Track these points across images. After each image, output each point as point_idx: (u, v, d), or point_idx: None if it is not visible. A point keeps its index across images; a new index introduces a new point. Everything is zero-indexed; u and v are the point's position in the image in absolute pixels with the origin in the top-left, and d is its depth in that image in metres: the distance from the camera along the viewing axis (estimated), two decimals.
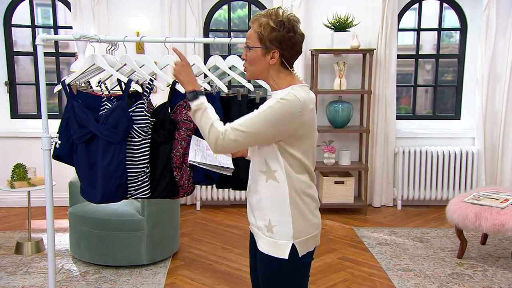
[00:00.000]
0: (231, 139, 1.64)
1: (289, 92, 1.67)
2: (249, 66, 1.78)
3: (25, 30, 5.09)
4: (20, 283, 3.28)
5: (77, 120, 2.22)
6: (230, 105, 2.27)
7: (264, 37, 1.68)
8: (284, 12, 1.71)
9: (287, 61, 1.74)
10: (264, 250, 1.78)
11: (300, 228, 1.76)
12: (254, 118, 1.65)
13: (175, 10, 4.75)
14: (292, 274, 1.79)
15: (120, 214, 3.52)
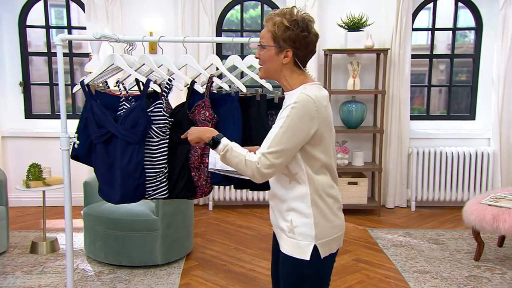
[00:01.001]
0: (267, 164, 1.63)
1: (301, 93, 1.66)
2: (262, 65, 1.77)
3: (38, 31, 5.11)
4: (36, 283, 3.29)
5: (96, 120, 2.22)
6: (248, 105, 2.26)
7: (278, 36, 1.68)
8: (298, 11, 1.70)
9: (301, 60, 1.73)
10: (286, 251, 1.77)
11: (323, 229, 1.75)
12: (278, 134, 1.64)
13: (188, 10, 4.75)
14: (314, 275, 1.77)
15: (135, 214, 3.52)
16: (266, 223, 4.64)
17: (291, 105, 1.64)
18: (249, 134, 2.26)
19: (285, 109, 1.67)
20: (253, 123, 2.24)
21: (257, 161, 1.64)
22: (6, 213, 3.77)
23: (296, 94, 1.67)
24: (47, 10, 5.06)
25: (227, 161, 1.72)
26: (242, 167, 1.67)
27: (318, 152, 1.71)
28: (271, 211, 1.89)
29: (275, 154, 1.63)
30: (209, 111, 2.23)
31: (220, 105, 2.25)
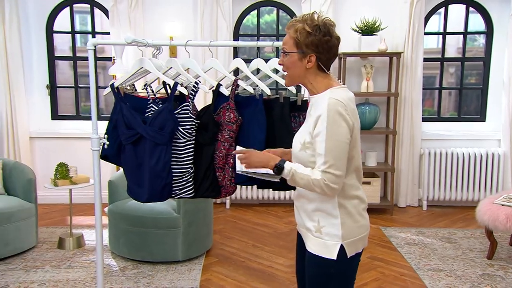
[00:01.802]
0: (333, 178, 1.61)
1: (330, 98, 1.63)
2: (286, 71, 1.74)
3: (63, 36, 5.13)
4: (64, 277, 3.29)
5: (125, 121, 2.20)
6: (272, 107, 2.23)
7: (301, 42, 1.65)
8: (319, 17, 1.68)
9: (324, 64, 1.70)
10: (313, 250, 1.75)
11: (349, 229, 1.72)
12: (326, 145, 1.61)
13: (207, 16, 4.73)
14: (340, 274, 1.75)
15: (158, 212, 3.51)
16: (281, 221, 4.61)
17: (324, 114, 1.61)
18: (273, 135, 2.23)
19: (320, 121, 1.63)
20: (276, 125, 2.21)
21: (323, 179, 1.62)
22: (35, 210, 3.79)
23: (324, 100, 1.64)
24: (73, 16, 5.08)
25: (295, 183, 1.69)
26: (311, 188, 1.65)
27: (353, 153, 1.70)
28: (296, 211, 1.86)
29: (334, 166, 1.61)
30: (234, 113, 2.21)
31: (244, 107, 2.23)
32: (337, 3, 4.74)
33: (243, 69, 2.27)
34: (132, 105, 2.27)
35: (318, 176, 1.62)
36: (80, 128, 5.13)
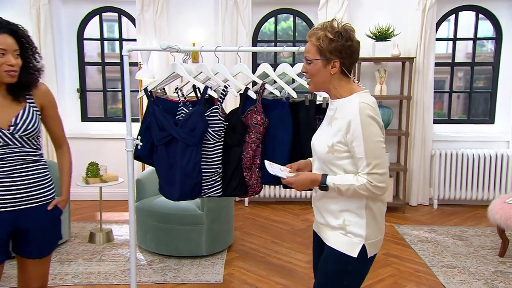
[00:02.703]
0: (378, 176, 1.59)
1: (360, 102, 1.60)
2: (311, 78, 1.70)
3: (91, 43, 5.15)
4: (96, 269, 3.30)
5: (158, 124, 2.19)
6: (297, 109, 2.19)
7: (324, 48, 1.62)
8: (339, 23, 1.64)
9: (347, 69, 1.66)
10: (335, 245, 1.71)
11: (372, 230, 1.69)
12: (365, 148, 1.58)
13: (228, 23, 4.71)
14: (356, 272, 1.72)
15: (183, 209, 3.49)
16: (298, 218, 4.56)
17: (356, 118, 1.58)
18: (298, 137, 2.19)
19: (351, 125, 1.59)
20: (302, 127, 2.17)
21: (368, 182, 1.59)
22: (68, 206, 3.81)
23: (353, 104, 1.61)
24: (102, 24, 5.10)
25: (342, 195, 1.66)
26: (359, 195, 1.63)
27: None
28: (317, 211, 1.81)
29: (378, 166, 1.59)
30: (261, 115, 2.18)
31: (271, 110, 2.20)
32: (352, 11, 4.68)
33: (269, 73, 2.23)
34: (163, 108, 2.26)
35: (363, 181, 1.60)
36: (108, 129, 5.15)
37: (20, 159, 1.78)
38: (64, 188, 1.98)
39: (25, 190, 1.80)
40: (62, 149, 2.02)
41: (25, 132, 1.78)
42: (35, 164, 1.84)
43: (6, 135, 1.74)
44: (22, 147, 1.79)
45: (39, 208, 1.86)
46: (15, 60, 1.69)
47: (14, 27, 1.72)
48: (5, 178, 1.75)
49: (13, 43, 1.69)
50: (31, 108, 1.82)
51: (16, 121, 1.76)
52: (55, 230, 1.95)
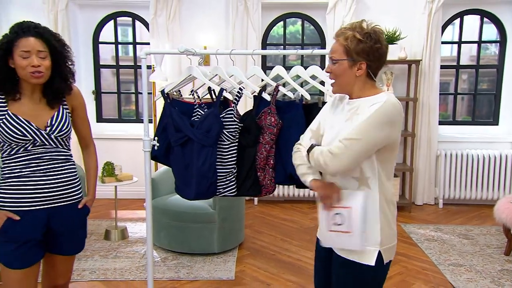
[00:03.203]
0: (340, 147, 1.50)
1: (387, 98, 1.51)
2: (335, 79, 1.60)
3: (106, 46, 5.16)
4: (112, 266, 3.29)
5: (174, 125, 2.17)
6: (311, 111, 2.16)
7: (351, 49, 1.52)
8: (368, 25, 1.55)
9: (373, 72, 1.57)
10: (348, 256, 1.60)
11: (387, 235, 1.59)
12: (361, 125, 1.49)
13: (238, 27, 4.70)
14: (374, 280, 1.62)
15: (195, 208, 3.48)
16: (306, 217, 4.54)
17: (379, 103, 1.48)
18: None
19: (372, 106, 1.50)
20: None
21: (330, 147, 1.51)
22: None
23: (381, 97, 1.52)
24: (116, 28, 5.10)
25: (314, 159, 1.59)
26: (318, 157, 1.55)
27: (393, 157, 1.58)
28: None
29: (351, 141, 1.48)
30: (275, 117, 2.15)
31: (285, 111, 2.17)
32: (359, 15, 4.65)
33: (283, 75, 2.21)
34: (179, 109, 2.24)
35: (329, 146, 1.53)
36: (122, 130, 5.15)
37: (54, 158, 1.79)
38: (91, 188, 1.99)
39: (58, 188, 1.81)
40: (89, 149, 2.02)
41: (60, 133, 1.79)
42: (67, 163, 1.85)
43: (43, 135, 1.75)
44: (56, 147, 1.80)
45: (70, 206, 1.86)
46: (38, 61, 1.68)
47: (41, 30, 1.71)
48: (41, 176, 1.76)
49: (37, 45, 1.68)
50: (64, 110, 1.84)
51: (52, 122, 1.77)
52: (84, 228, 1.95)
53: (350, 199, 1.56)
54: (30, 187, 1.75)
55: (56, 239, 1.86)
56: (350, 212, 1.55)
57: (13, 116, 1.71)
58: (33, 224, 1.77)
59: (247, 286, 3.03)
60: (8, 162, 1.75)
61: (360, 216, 1.54)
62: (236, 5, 4.63)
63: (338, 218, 1.58)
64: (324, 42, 4.97)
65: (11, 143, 1.72)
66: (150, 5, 4.63)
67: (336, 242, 1.62)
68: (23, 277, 1.75)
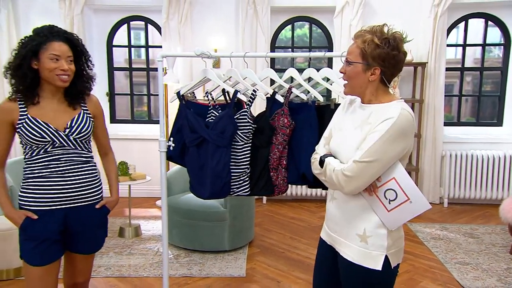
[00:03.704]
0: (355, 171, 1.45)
1: (402, 109, 1.44)
2: (348, 81, 1.55)
3: (118, 49, 5.16)
4: (126, 262, 3.29)
5: (189, 126, 2.16)
6: (323, 113, 2.14)
7: (367, 53, 1.46)
8: (389, 30, 1.48)
9: (387, 78, 1.51)
10: (354, 259, 1.53)
11: (394, 240, 1.52)
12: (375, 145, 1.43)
13: (248, 30, 4.68)
14: (383, 284, 1.55)
15: (207, 207, 3.47)
16: (314, 216, 4.51)
17: (392, 119, 1.42)
18: None
19: (383, 122, 1.44)
20: None
21: (343, 168, 1.45)
22: None
23: (393, 108, 1.45)
24: (129, 32, 5.10)
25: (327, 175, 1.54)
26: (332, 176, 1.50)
27: (403, 163, 1.52)
28: (331, 220, 1.64)
29: (367, 164, 1.43)
30: (287, 118, 2.13)
31: (298, 113, 2.15)
32: (366, 18, 4.61)
33: (296, 77, 2.19)
34: (194, 111, 2.22)
35: (342, 166, 1.48)
36: (134, 130, 5.15)
37: (74, 159, 1.79)
38: (113, 190, 1.99)
39: (77, 188, 1.80)
40: (108, 156, 2.04)
41: (79, 135, 1.79)
42: (86, 165, 1.84)
43: (62, 136, 1.75)
44: (75, 148, 1.79)
45: (88, 206, 1.86)
46: (67, 66, 1.71)
47: (69, 36, 1.75)
48: (60, 177, 1.76)
49: (67, 50, 1.71)
50: (85, 114, 1.84)
51: (72, 124, 1.77)
52: (103, 228, 1.94)
53: (388, 173, 1.48)
54: (48, 188, 1.75)
55: (73, 238, 1.85)
56: (396, 181, 1.47)
57: (32, 119, 1.72)
58: (50, 223, 1.77)
59: (258, 283, 3.01)
60: (29, 163, 1.76)
61: (407, 179, 1.46)
62: (246, 9, 4.61)
63: (389, 194, 1.48)
64: (331, 45, 4.94)
65: (31, 145, 1.72)
66: (163, 9, 4.62)
67: (403, 216, 1.49)
68: (43, 274, 1.75)
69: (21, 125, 1.71)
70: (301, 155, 2.12)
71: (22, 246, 1.77)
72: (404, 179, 1.46)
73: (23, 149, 1.77)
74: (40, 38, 1.69)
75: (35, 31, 1.72)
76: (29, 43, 1.69)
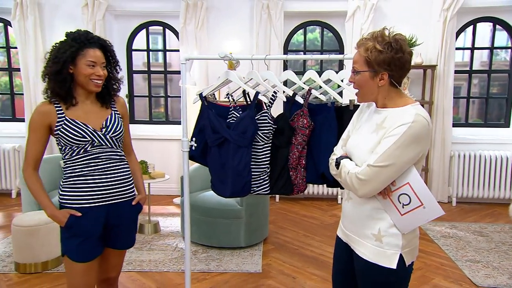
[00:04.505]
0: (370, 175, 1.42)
1: (417, 114, 1.39)
2: (359, 89, 1.50)
3: (137, 53, 5.16)
4: (147, 258, 3.27)
5: (211, 126, 2.13)
6: (342, 114, 2.10)
7: (372, 60, 1.41)
8: (390, 33, 1.42)
9: (396, 80, 1.45)
10: (370, 258, 1.50)
11: (408, 239, 1.48)
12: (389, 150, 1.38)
13: (262, 34, 4.65)
14: (398, 283, 1.51)
15: (224, 204, 3.44)
16: (326, 214, 4.46)
17: (407, 124, 1.37)
18: None
19: (399, 127, 1.38)
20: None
21: (358, 171, 1.41)
22: None
23: (407, 114, 1.40)
24: (148, 37, 5.10)
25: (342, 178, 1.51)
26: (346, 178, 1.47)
27: (418, 166, 1.47)
28: (348, 218, 1.60)
29: (381, 168, 1.38)
30: (307, 119, 2.09)
31: (317, 114, 2.11)
32: (377, 22, 4.56)
33: (315, 79, 2.15)
34: (216, 112, 2.20)
35: (356, 169, 1.44)
36: (152, 131, 5.15)
37: (111, 158, 1.78)
38: (141, 188, 1.98)
39: (116, 185, 1.79)
40: (131, 156, 2.03)
41: (114, 134, 1.79)
42: (122, 162, 1.83)
43: (100, 136, 1.75)
44: (111, 147, 1.79)
45: (125, 203, 1.85)
46: (102, 72, 1.72)
47: (103, 42, 1.75)
48: (100, 175, 1.75)
49: (101, 57, 1.72)
50: (116, 114, 1.84)
51: (107, 124, 1.77)
52: (135, 223, 1.94)
53: (403, 178, 1.43)
54: (90, 185, 1.75)
55: (112, 234, 1.85)
56: (410, 186, 1.42)
57: (70, 120, 1.72)
58: (94, 220, 1.76)
59: (274, 279, 2.98)
60: (69, 163, 1.75)
61: (421, 185, 1.42)
62: (260, 14, 4.58)
63: (403, 198, 1.44)
64: (342, 48, 4.89)
65: (71, 145, 1.72)
66: (180, 14, 4.61)
67: (416, 221, 1.45)
68: (85, 270, 1.75)
69: (60, 127, 1.70)
70: (320, 155, 2.08)
71: (66, 244, 1.76)
72: (419, 185, 1.43)
73: (61, 151, 1.76)
74: (78, 44, 1.69)
75: (71, 36, 1.71)
76: (67, 49, 1.68)
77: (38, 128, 1.70)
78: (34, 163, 1.74)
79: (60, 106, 1.73)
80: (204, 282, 2.92)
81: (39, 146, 1.73)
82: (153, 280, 2.93)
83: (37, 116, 1.70)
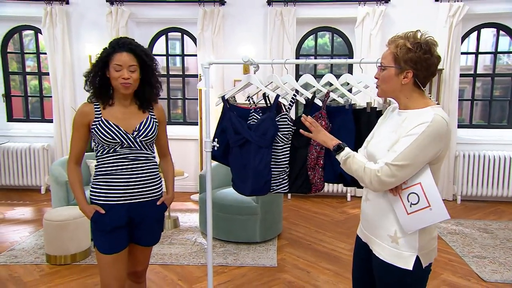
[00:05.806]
0: (389, 174, 1.35)
1: (436, 114, 1.34)
2: (381, 85, 1.46)
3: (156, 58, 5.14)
4: (167, 251, 3.26)
5: (233, 128, 2.10)
6: (359, 116, 2.05)
7: (399, 57, 1.38)
8: (422, 35, 1.38)
9: (421, 81, 1.40)
10: (386, 259, 1.45)
11: (425, 241, 1.43)
12: (407, 149, 1.34)
13: (275, 40, 4.60)
14: (415, 283, 1.45)
15: (240, 201, 3.41)
16: (336, 211, 4.40)
17: (426, 124, 1.33)
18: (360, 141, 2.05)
19: (417, 126, 1.34)
20: (363, 132, 2.02)
21: (377, 169, 1.36)
22: None
23: (426, 115, 1.35)
24: (167, 42, 5.09)
25: (347, 166, 1.46)
26: (361, 174, 1.41)
27: (436, 168, 1.42)
28: (365, 219, 1.55)
29: (400, 167, 1.34)
30: (325, 120, 2.05)
31: (335, 116, 2.06)
32: (385, 28, 4.48)
33: (334, 82, 2.11)
34: (237, 114, 2.17)
35: (374, 166, 1.38)
36: (171, 131, 5.10)
37: (138, 158, 1.76)
38: (170, 189, 1.97)
39: (139, 185, 1.77)
40: (167, 158, 2.01)
41: (145, 138, 1.77)
42: (149, 164, 1.81)
43: (130, 138, 1.73)
44: (140, 149, 1.77)
45: (150, 202, 1.83)
46: (128, 74, 1.68)
47: (133, 47, 1.71)
48: (125, 174, 1.74)
49: (128, 60, 1.68)
50: (152, 119, 1.81)
51: (140, 128, 1.75)
52: (160, 222, 1.91)
53: (416, 177, 1.38)
54: (114, 184, 1.74)
55: (138, 230, 1.83)
56: (421, 187, 1.37)
57: (105, 121, 1.71)
58: (116, 217, 1.75)
59: (289, 272, 2.94)
60: (100, 161, 1.76)
61: (432, 187, 1.36)
62: (274, 21, 4.53)
63: (412, 197, 1.38)
64: (351, 53, 4.82)
65: (103, 144, 1.72)
66: (198, 21, 4.59)
67: (421, 222, 1.39)
68: (113, 261, 1.75)
69: (95, 126, 1.71)
70: None
71: (94, 237, 1.78)
72: (430, 186, 1.37)
73: (95, 148, 1.76)
74: (109, 49, 1.69)
75: (109, 43, 1.72)
76: (102, 54, 1.70)
77: (79, 127, 1.73)
78: (76, 158, 1.76)
79: (99, 106, 1.74)
80: (222, 275, 2.89)
81: (80, 143, 1.75)
82: (174, 272, 2.91)
83: (78, 117, 1.73)
